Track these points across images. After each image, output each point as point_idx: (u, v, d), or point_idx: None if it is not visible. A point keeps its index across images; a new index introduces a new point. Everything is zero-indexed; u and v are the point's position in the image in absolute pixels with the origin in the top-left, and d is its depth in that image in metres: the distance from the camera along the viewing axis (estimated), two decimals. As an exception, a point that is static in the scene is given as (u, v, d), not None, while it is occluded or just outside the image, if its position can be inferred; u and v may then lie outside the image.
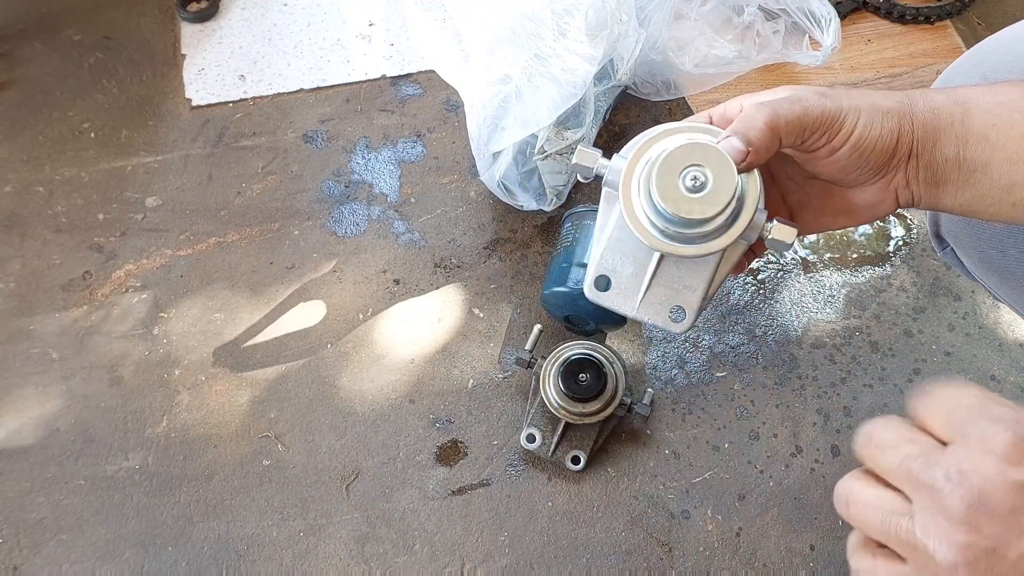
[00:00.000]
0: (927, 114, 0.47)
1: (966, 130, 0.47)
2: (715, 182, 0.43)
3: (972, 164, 0.47)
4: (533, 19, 0.93)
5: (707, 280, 0.48)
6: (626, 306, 0.49)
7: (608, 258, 0.49)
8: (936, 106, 0.48)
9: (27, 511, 0.93)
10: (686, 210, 0.43)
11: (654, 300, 0.49)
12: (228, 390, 1.00)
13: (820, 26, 1.12)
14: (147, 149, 1.18)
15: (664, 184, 0.44)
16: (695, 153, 0.44)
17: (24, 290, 1.06)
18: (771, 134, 0.44)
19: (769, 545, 0.92)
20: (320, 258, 1.09)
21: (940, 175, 0.48)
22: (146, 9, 1.31)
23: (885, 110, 0.47)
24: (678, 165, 0.44)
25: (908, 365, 1.02)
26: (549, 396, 0.92)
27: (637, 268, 0.49)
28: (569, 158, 1.07)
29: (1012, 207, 0.48)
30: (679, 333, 0.49)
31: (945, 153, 0.47)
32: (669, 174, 0.44)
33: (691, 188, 0.44)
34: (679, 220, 0.44)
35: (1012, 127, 0.46)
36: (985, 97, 0.48)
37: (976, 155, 0.47)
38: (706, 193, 0.43)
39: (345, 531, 0.92)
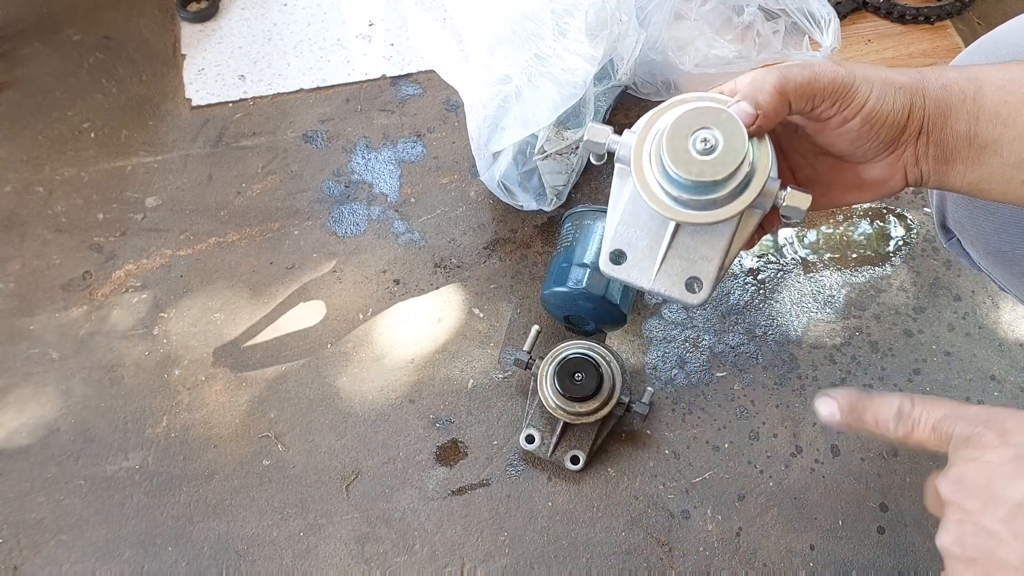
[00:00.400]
0: (939, 90, 0.47)
1: (977, 107, 0.47)
2: (725, 143, 0.43)
3: (983, 141, 0.47)
4: (533, 19, 0.93)
5: (723, 249, 0.47)
6: (642, 278, 0.48)
7: (622, 232, 0.49)
8: (948, 82, 0.48)
9: (27, 511, 0.93)
10: (697, 172, 0.43)
11: (670, 271, 0.48)
12: (228, 390, 1.00)
13: (820, 26, 1.12)
14: (147, 149, 1.18)
15: (675, 148, 0.43)
16: (705, 116, 0.44)
17: (24, 290, 1.06)
18: (780, 97, 0.45)
19: (769, 545, 0.92)
20: (320, 258, 1.09)
21: (950, 152, 0.48)
22: (146, 9, 1.31)
23: (898, 85, 0.47)
24: (688, 129, 0.44)
25: (908, 365, 1.02)
26: (547, 396, 0.92)
27: (652, 240, 0.48)
28: (569, 158, 1.07)
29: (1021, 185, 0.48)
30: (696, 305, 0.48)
31: (956, 130, 0.47)
32: (680, 138, 0.44)
33: (702, 151, 0.43)
34: (691, 184, 0.44)
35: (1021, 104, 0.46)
36: (997, 74, 0.48)
37: (987, 132, 0.47)
38: (717, 155, 0.43)
39: (345, 531, 0.92)
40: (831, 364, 1.02)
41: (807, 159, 0.53)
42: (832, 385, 1.00)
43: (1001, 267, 0.66)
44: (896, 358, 1.02)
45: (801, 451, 0.97)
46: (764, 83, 0.45)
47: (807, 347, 1.03)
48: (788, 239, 1.11)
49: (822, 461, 0.96)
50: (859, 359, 1.02)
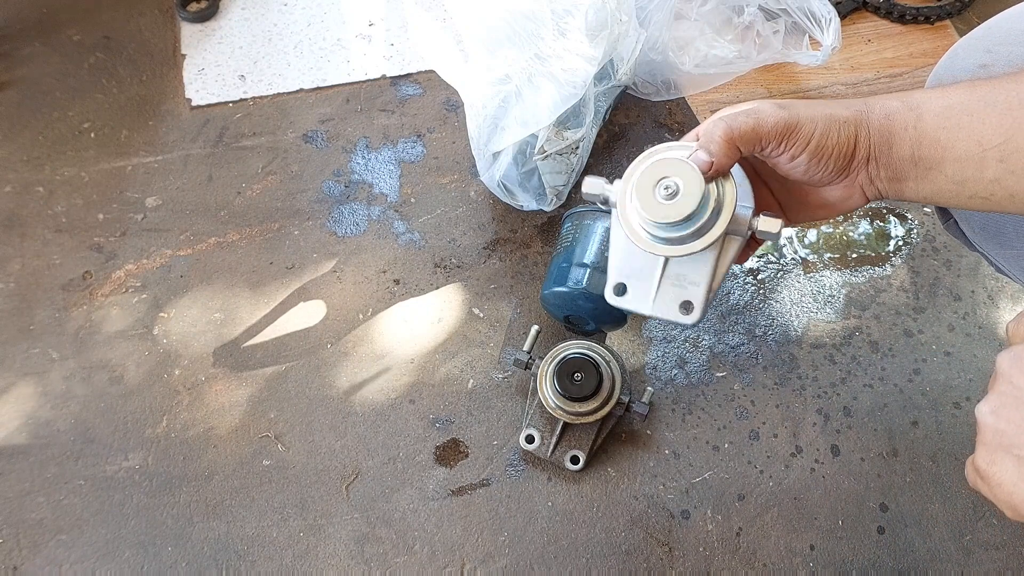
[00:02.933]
0: (883, 120, 0.53)
1: (919, 133, 0.52)
2: (684, 188, 0.51)
3: (927, 163, 0.52)
4: (533, 19, 0.93)
5: (708, 275, 0.54)
6: (643, 306, 0.56)
7: (623, 267, 0.57)
8: (891, 112, 0.53)
9: (27, 511, 0.93)
10: (663, 215, 0.51)
11: (665, 298, 0.55)
12: (228, 390, 1.00)
13: (820, 26, 1.12)
14: (147, 149, 1.18)
15: (644, 196, 0.51)
16: (667, 167, 0.51)
17: (24, 290, 1.06)
18: (728, 145, 0.51)
19: (769, 545, 0.92)
20: (320, 258, 1.09)
21: (899, 172, 0.53)
22: (146, 9, 1.31)
23: (842, 119, 0.52)
24: (654, 178, 0.51)
25: (908, 365, 1.02)
26: (546, 396, 0.92)
27: (648, 272, 0.56)
28: (569, 158, 1.07)
29: (968, 199, 0.53)
30: (690, 325, 0.56)
31: (901, 154, 0.53)
32: (647, 187, 0.52)
33: (665, 196, 0.51)
34: (661, 225, 0.52)
35: (960, 129, 0.51)
36: (936, 101, 0.52)
37: (929, 155, 0.52)
38: (678, 199, 0.51)
39: (345, 531, 0.92)
40: (831, 364, 1.02)
41: (779, 182, 0.59)
42: (832, 385, 1.00)
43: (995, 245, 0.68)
44: (896, 358, 1.02)
45: (801, 451, 0.97)
46: (714, 134, 0.51)
47: (807, 347, 1.03)
48: (788, 239, 1.11)
49: (822, 461, 0.96)
50: (859, 359, 1.02)
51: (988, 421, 0.42)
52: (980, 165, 0.51)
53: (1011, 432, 0.41)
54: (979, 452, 0.43)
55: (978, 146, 0.50)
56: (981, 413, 0.43)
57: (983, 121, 0.50)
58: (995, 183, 0.51)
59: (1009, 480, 0.41)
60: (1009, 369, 0.42)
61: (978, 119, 0.50)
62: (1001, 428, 0.41)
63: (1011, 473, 0.41)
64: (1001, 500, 0.42)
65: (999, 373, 0.43)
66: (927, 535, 0.92)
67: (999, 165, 0.50)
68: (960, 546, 0.91)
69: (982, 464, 0.42)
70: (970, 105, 0.51)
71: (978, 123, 0.50)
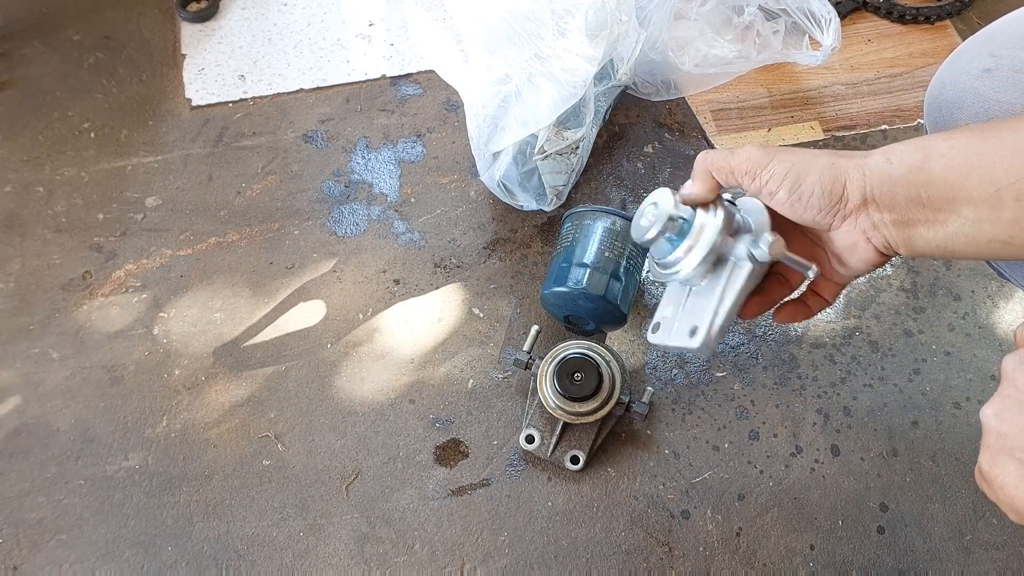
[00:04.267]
0: (881, 163, 0.51)
1: (927, 175, 0.50)
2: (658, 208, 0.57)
3: (937, 204, 0.50)
4: (533, 19, 0.93)
5: (715, 300, 0.57)
6: (664, 337, 0.60)
7: (661, 309, 0.62)
8: (891, 155, 0.52)
9: (27, 511, 0.93)
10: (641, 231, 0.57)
11: (682, 328, 0.59)
12: (228, 390, 1.00)
13: (820, 26, 1.12)
14: (147, 149, 1.18)
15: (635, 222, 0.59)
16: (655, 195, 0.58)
17: (24, 290, 1.06)
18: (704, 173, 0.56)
19: (769, 545, 0.92)
20: (320, 258, 1.09)
21: (906, 216, 0.51)
22: (146, 9, 1.31)
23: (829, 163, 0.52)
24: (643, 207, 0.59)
25: (908, 365, 1.02)
26: (546, 396, 0.92)
27: (675, 308, 0.61)
28: (569, 158, 1.07)
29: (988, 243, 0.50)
30: (695, 347, 0.57)
31: (908, 194, 0.51)
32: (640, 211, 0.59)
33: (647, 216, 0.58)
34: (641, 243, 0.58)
35: (970, 169, 0.49)
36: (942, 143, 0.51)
37: (940, 195, 0.50)
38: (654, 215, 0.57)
39: (345, 531, 0.92)
40: (831, 364, 1.02)
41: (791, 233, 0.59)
42: (832, 385, 1.00)
43: None
44: (896, 358, 1.02)
45: (801, 451, 0.97)
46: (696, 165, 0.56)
47: (807, 347, 1.03)
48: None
49: (822, 461, 0.96)
50: (859, 359, 1.02)
51: (991, 424, 0.43)
52: (996, 205, 0.48)
53: (1013, 435, 0.41)
54: (983, 454, 0.43)
55: (992, 186, 0.48)
56: (985, 416, 0.43)
57: (993, 163, 0.48)
58: (1014, 224, 0.48)
59: (1011, 483, 0.41)
60: (1013, 373, 0.43)
61: (988, 160, 0.48)
62: (1004, 431, 0.42)
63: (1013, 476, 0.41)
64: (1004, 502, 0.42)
65: (1004, 376, 0.44)
66: (927, 535, 0.92)
67: (1016, 204, 0.48)
68: (960, 546, 0.91)
69: (985, 466, 0.43)
70: (978, 147, 0.49)
71: (988, 164, 0.48)
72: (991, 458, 0.42)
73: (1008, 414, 0.42)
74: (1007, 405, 0.42)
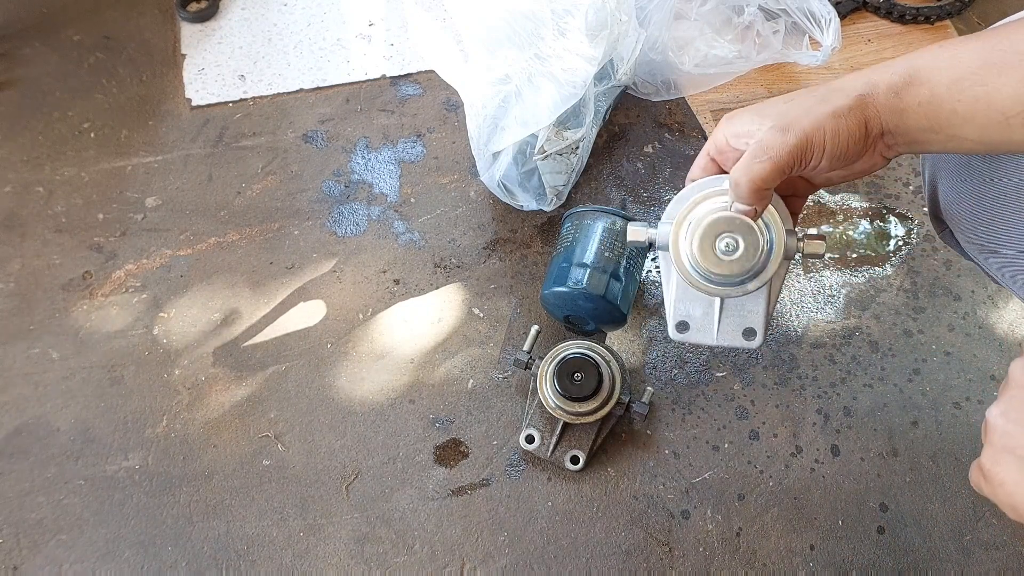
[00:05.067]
0: (890, 98, 0.52)
1: (933, 108, 0.51)
2: (744, 244, 0.54)
3: (948, 130, 0.52)
4: (533, 19, 0.93)
5: (764, 302, 0.58)
6: (707, 338, 0.60)
7: (680, 307, 0.60)
8: (897, 89, 0.52)
9: (27, 511, 0.93)
10: (727, 271, 0.55)
11: (727, 329, 0.59)
12: (228, 390, 1.00)
13: (820, 26, 1.12)
14: (147, 149, 1.18)
15: (704, 252, 0.55)
16: (724, 223, 0.54)
17: (24, 290, 1.06)
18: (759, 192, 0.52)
19: (769, 545, 0.92)
20: (320, 258, 1.09)
21: (917, 138, 0.53)
22: (146, 9, 1.31)
23: (847, 111, 0.51)
24: (712, 234, 0.54)
25: (908, 365, 1.02)
26: (546, 396, 0.92)
27: (705, 308, 0.60)
28: (569, 158, 1.07)
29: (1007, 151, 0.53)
30: (756, 348, 0.60)
31: (918, 125, 0.52)
32: (707, 243, 0.55)
33: (725, 252, 0.54)
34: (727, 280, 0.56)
35: (976, 101, 0.50)
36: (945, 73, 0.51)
37: (948, 122, 0.51)
38: (740, 254, 0.54)
39: (345, 531, 0.92)
40: (831, 364, 1.02)
41: None
42: (832, 385, 1.00)
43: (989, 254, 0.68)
44: (896, 358, 1.02)
45: (801, 451, 0.97)
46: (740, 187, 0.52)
47: (807, 347, 1.03)
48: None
49: (822, 461, 0.96)
50: (859, 359, 1.02)
51: (997, 423, 0.44)
52: (1007, 130, 0.49)
53: (1017, 434, 0.43)
54: (985, 452, 0.44)
55: (1001, 115, 0.49)
56: (991, 415, 0.45)
57: (1000, 89, 0.49)
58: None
59: (1011, 480, 0.42)
60: (1019, 377, 0.44)
61: (995, 88, 0.49)
62: (1009, 430, 0.43)
63: (1013, 473, 0.42)
64: (1002, 499, 0.43)
65: (1011, 380, 0.45)
66: (927, 535, 0.92)
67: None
68: (960, 546, 0.91)
69: (987, 463, 0.44)
70: (984, 75, 0.49)
71: (995, 93, 0.49)
72: (993, 455, 0.44)
73: (1014, 413, 0.43)
74: (1013, 405, 0.44)
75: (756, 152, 0.51)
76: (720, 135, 0.56)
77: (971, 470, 0.47)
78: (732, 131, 0.55)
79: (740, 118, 0.55)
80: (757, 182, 0.51)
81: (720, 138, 0.57)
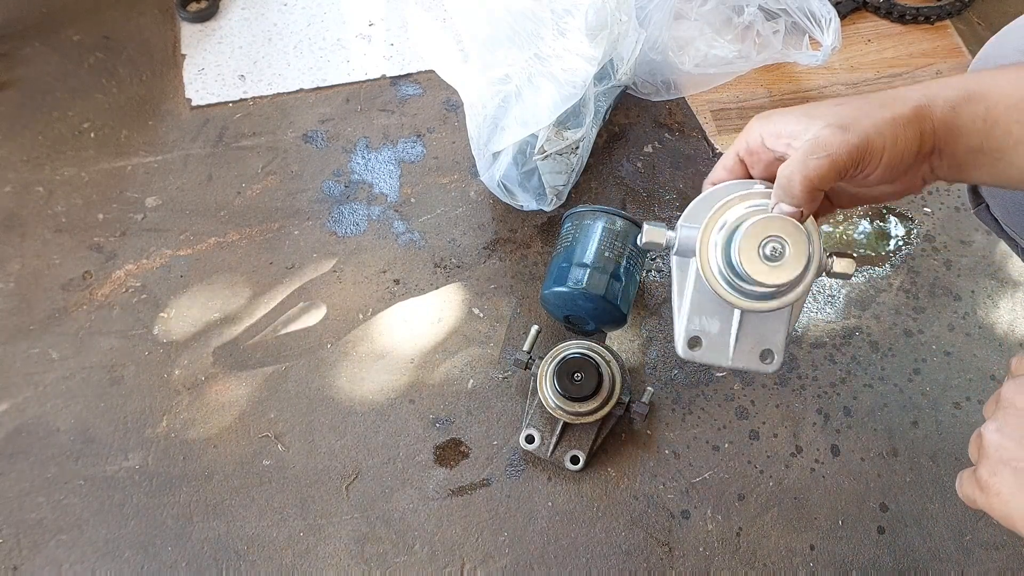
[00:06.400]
0: (947, 112, 0.50)
1: (989, 126, 0.49)
2: (792, 250, 0.49)
3: (997, 153, 0.50)
4: (533, 19, 0.93)
5: (787, 322, 0.53)
6: (721, 359, 0.54)
7: (694, 320, 0.54)
8: (955, 104, 0.50)
9: (27, 511, 0.93)
10: (771, 279, 0.49)
11: (744, 349, 0.53)
12: (228, 390, 1.00)
13: (820, 26, 1.12)
14: (147, 149, 1.18)
15: (747, 257, 0.49)
16: (771, 226, 0.49)
17: (24, 290, 1.06)
18: (810, 194, 0.48)
19: (769, 545, 0.92)
20: (320, 258, 1.09)
21: (963, 163, 0.51)
22: (146, 9, 1.31)
23: (906, 120, 0.49)
24: (758, 238, 0.49)
25: (908, 365, 1.02)
26: (547, 396, 0.92)
27: (722, 324, 0.54)
28: (569, 158, 1.07)
29: None
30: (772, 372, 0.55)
31: (969, 145, 0.50)
32: (750, 247, 0.49)
33: (770, 257, 0.49)
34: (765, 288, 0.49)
35: None
36: (1008, 89, 0.50)
37: (1001, 145, 0.50)
38: (785, 260, 0.49)
39: (345, 531, 0.92)
40: (831, 364, 1.02)
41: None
42: (832, 385, 1.00)
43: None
44: (896, 358, 1.02)
45: (801, 451, 0.97)
46: (793, 184, 0.48)
47: (807, 347, 1.03)
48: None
49: (822, 461, 0.96)
50: (859, 359, 1.02)
51: (993, 438, 0.46)
52: None
53: (1011, 447, 0.44)
54: (981, 465, 0.46)
55: None
56: (987, 430, 0.46)
57: None
58: None
59: (1007, 490, 0.44)
60: (1013, 396, 0.46)
61: None
62: (1004, 444, 0.45)
63: (1009, 484, 0.44)
64: (997, 510, 0.45)
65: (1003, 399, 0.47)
66: (927, 535, 0.92)
67: None
68: (960, 546, 0.91)
69: (984, 475, 0.45)
70: None
71: None
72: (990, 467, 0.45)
73: (1008, 429, 0.45)
74: (1008, 421, 0.45)
75: (813, 149, 0.47)
76: (755, 134, 0.52)
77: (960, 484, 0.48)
78: (771, 131, 0.51)
79: (782, 118, 0.51)
80: (813, 180, 0.47)
81: (755, 137, 0.52)
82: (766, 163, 0.52)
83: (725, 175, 0.55)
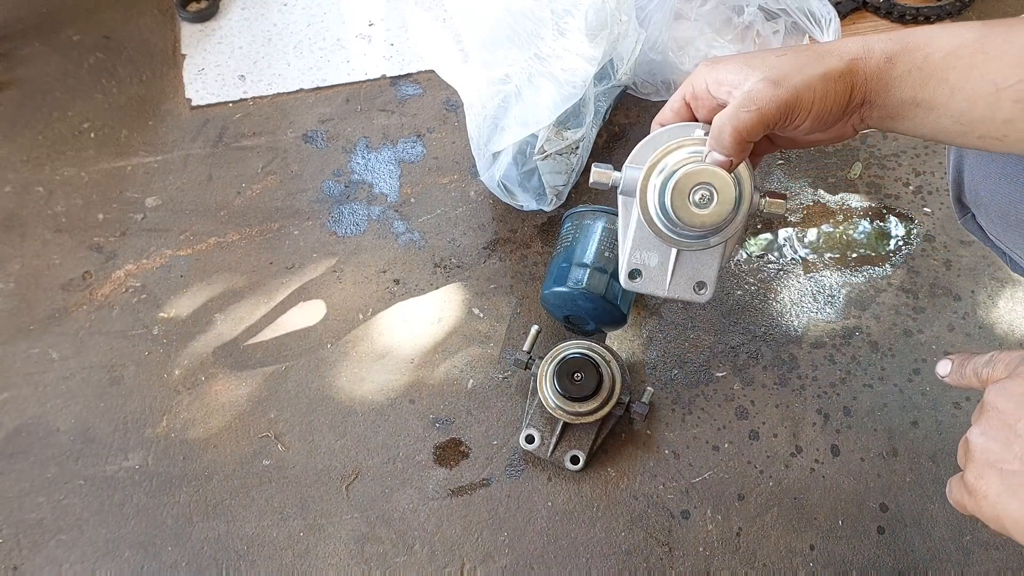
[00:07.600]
0: (882, 63, 0.51)
1: (924, 75, 0.50)
2: (719, 196, 0.54)
3: (930, 104, 0.50)
4: (533, 19, 0.93)
5: (720, 256, 0.59)
6: (658, 289, 0.60)
7: (636, 254, 0.60)
8: (892, 54, 0.51)
9: (27, 511, 0.93)
10: (700, 223, 0.54)
11: (679, 281, 0.60)
12: (228, 390, 1.00)
13: (820, 26, 1.12)
14: (147, 149, 1.18)
15: (678, 204, 0.54)
16: (700, 175, 0.54)
17: (24, 290, 1.06)
18: (740, 143, 0.51)
19: (769, 545, 0.92)
20: (320, 258, 1.09)
21: (895, 114, 0.52)
22: (146, 9, 1.31)
23: (838, 75, 0.50)
24: (687, 185, 0.54)
25: (908, 365, 1.02)
26: (546, 396, 0.92)
27: (661, 258, 0.60)
28: (569, 158, 1.07)
29: (978, 139, 0.51)
30: (705, 301, 0.60)
31: (900, 96, 0.51)
32: (681, 193, 0.54)
33: (699, 203, 0.54)
34: (695, 231, 0.55)
35: (972, 69, 0.49)
36: (947, 39, 0.50)
37: (934, 96, 0.50)
38: (713, 207, 0.54)
39: (345, 531, 0.92)
40: (831, 364, 1.02)
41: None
42: (832, 385, 1.00)
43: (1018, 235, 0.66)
44: (896, 358, 1.02)
45: (801, 451, 0.97)
46: (724, 135, 0.51)
47: (807, 347, 1.03)
48: (787, 239, 1.11)
49: (822, 461, 0.96)
50: (859, 359, 1.02)
51: (978, 442, 0.47)
52: (993, 105, 0.49)
53: (996, 449, 0.46)
54: (968, 468, 0.47)
55: (992, 86, 0.48)
56: (972, 435, 0.47)
57: (1000, 59, 0.48)
58: (1009, 124, 0.49)
59: (994, 492, 0.45)
60: (994, 400, 0.47)
61: (994, 57, 0.48)
62: (989, 447, 0.46)
63: (996, 486, 0.45)
64: (986, 512, 0.46)
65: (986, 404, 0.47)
66: (927, 535, 0.92)
67: (1014, 106, 0.48)
68: (960, 546, 0.91)
69: (971, 478, 0.46)
70: (986, 44, 0.49)
71: (994, 62, 0.48)
72: (977, 470, 0.46)
73: (992, 432, 0.46)
74: (992, 425, 0.46)
75: (744, 102, 0.50)
76: (700, 80, 0.55)
77: (950, 490, 0.50)
78: (714, 78, 0.53)
79: (725, 66, 0.53)
80: (742, 132, 0.50)
81: (700, 83, 0.55)
82: (709, 108, 0.55)
83: (672, 116, 0.59)
